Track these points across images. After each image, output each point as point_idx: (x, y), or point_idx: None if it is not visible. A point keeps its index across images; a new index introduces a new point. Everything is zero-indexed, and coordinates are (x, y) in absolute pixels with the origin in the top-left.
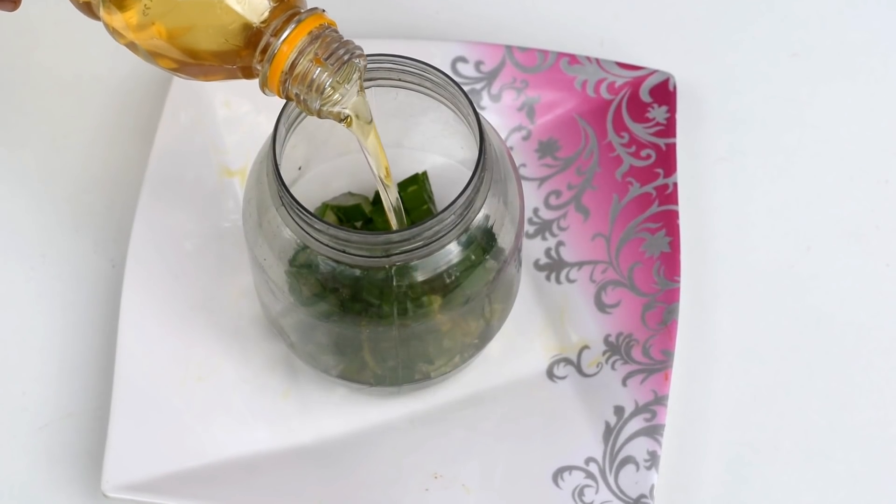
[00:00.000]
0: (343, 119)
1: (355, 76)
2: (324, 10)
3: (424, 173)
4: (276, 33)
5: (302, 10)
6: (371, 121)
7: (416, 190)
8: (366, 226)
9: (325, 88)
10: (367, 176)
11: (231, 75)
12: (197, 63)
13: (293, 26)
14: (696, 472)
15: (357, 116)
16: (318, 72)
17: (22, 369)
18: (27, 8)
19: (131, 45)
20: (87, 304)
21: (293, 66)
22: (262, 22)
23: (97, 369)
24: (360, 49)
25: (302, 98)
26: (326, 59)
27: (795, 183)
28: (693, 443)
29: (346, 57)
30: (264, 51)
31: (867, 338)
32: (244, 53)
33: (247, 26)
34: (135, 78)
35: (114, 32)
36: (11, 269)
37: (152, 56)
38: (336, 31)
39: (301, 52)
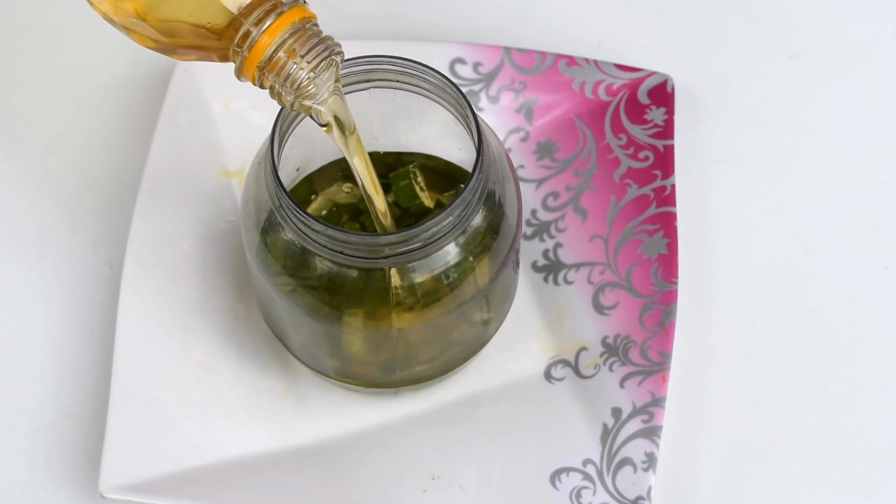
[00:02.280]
0: (316, 115)
1: (331, 72)
2: (305, 2)
3: (416, 165)
4: (257, 22)
5: (284, 1)
6: (354, 130)
7: (408, 184)
8: (358, 217)
9: (300, 83)
10: None
11: (206, 58)
12: (173, 44)
13: (274, 17)
14: (693, 474)
15: (336, 118)
16: (294, 67)
17: (20, 370)
18: (26, 8)
19: (108, 18)
20: (85, 304)
21: (271, 57)
22: (244, 9)
23: (95, 370)
24: (339, 46)
25: (277, 90)
26: (304, 54)
27: (793, 185)
28: (691, 444)
29: (325, 54)
30: (244, 38)
31: (865, 340)
32: (223, 39)
33: (227, 13)
34: (133, 79)
35: (91, 2)
36: (9, 270)
37: (128, 31)
38: (317, 25)
39: (280, 45)
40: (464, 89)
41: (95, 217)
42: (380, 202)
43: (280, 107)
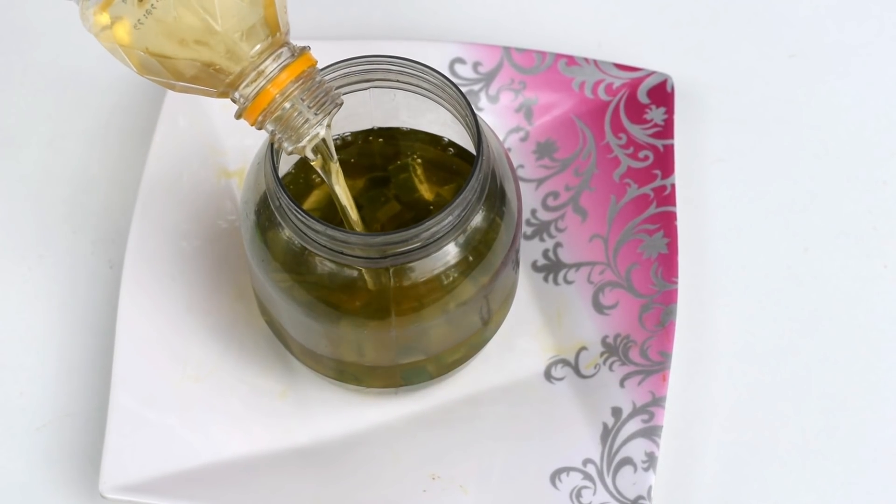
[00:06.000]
0: (312, 160)
1: (328, 120)
2: (309, 48)
3: (415, 159)
4: (264, 72)
5: (290, 51)
6: (336, 160)
7: (407, 177)
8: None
9: (304, 135)
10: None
11: (205, 94)
12: (176, 82)
13: (279, 69)
14: (693, 474)
15: (321, 148)
16: (302, 123)
17: (20, 370)
18: (25, 9)
19: (112, 50)
20: (85, 304)
21: (275, 106)
22: (253, 56)
23: (95, 370)
24: (339, 96)
25: (277, 136)
26: (311, 106)
27: (793, 184)
28: (691, 444)
29: (329, 107)
30: (250, 84)
31: (865, 339)
32: (229, 82)
33: (239, 57)
34: (133, 79)
35: (98, 32)
36: (9, 270)
37: (130, 63)
38: (319, 73)
39: (286, 95)
40: (463, 89)
41: (95, 217)
42: (356, 219)
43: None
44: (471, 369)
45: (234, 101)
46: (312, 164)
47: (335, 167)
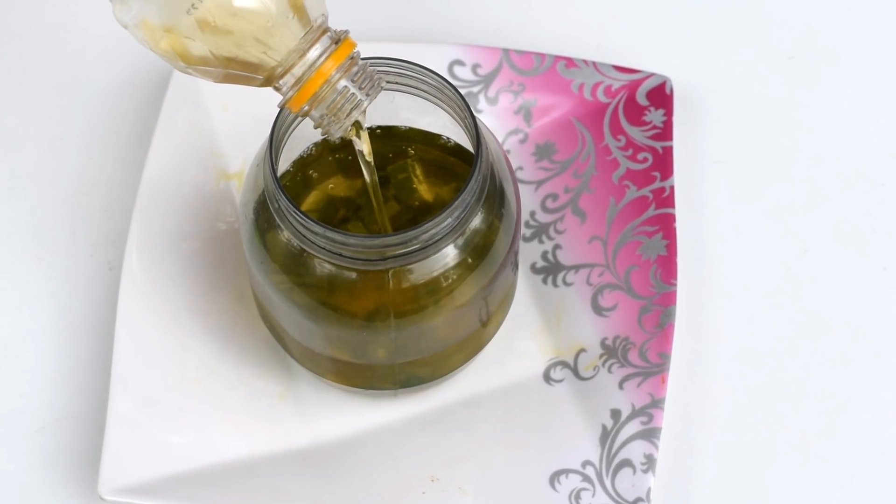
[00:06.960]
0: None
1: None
2: (348, 32)
3: (415, 158)
4: (308, 60)
5: (332, 37)
6: (365, 129)
7: (406, 178)
8: (356, 213)
9: (351, 120)
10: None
11: (248, 83)
12: (221, 70)
13: (326, 56)
14: (693, 476)
15: (357, 129)
16: (350, 110)
17: (19, 372)
18: (24, 9)
19: (150, 37)
20: (84, 306)
21: (322, 93)
22: (297, 45)
23: (94, 372)
24: (382, 79)
25: (325, 122)
26: (362, 87)
27: (792, 186)
28: (690, 446)
29: (375, 92)
30: (293, 72)
31: (864, 341)
32: (273, 72)
33: (283, 48)
34: (132, 80)
35: (137, 24)
36: (8, 272)
37: (178, 56)
38: (362, 59)
39: (331, 83)
40: (462, 91)
41: (94, 219)
42: (378, 194)
43: (279, 109)
44: (470, 371)
45: (276, 89)
46: (349, 135)
47: (364, 134)
